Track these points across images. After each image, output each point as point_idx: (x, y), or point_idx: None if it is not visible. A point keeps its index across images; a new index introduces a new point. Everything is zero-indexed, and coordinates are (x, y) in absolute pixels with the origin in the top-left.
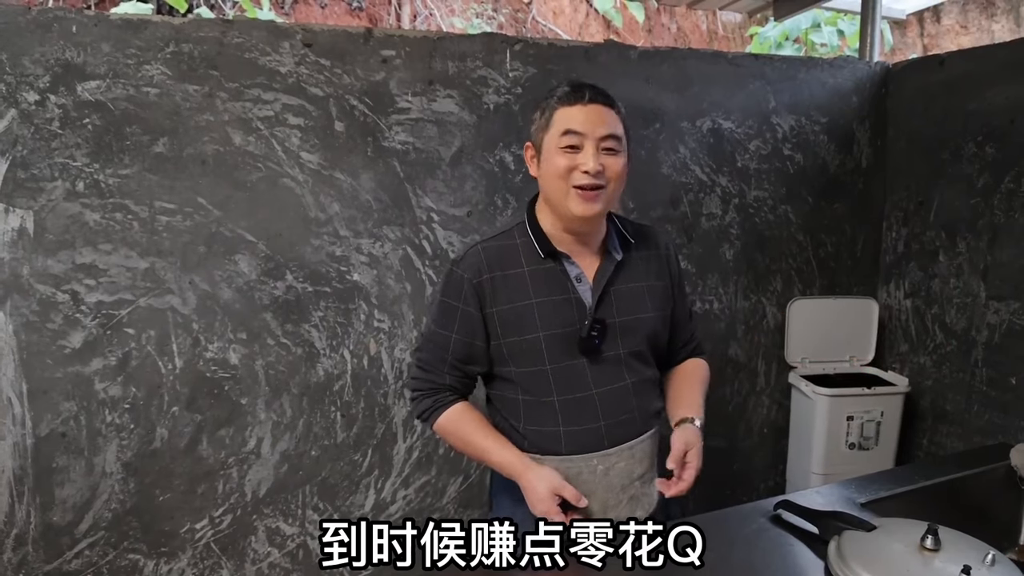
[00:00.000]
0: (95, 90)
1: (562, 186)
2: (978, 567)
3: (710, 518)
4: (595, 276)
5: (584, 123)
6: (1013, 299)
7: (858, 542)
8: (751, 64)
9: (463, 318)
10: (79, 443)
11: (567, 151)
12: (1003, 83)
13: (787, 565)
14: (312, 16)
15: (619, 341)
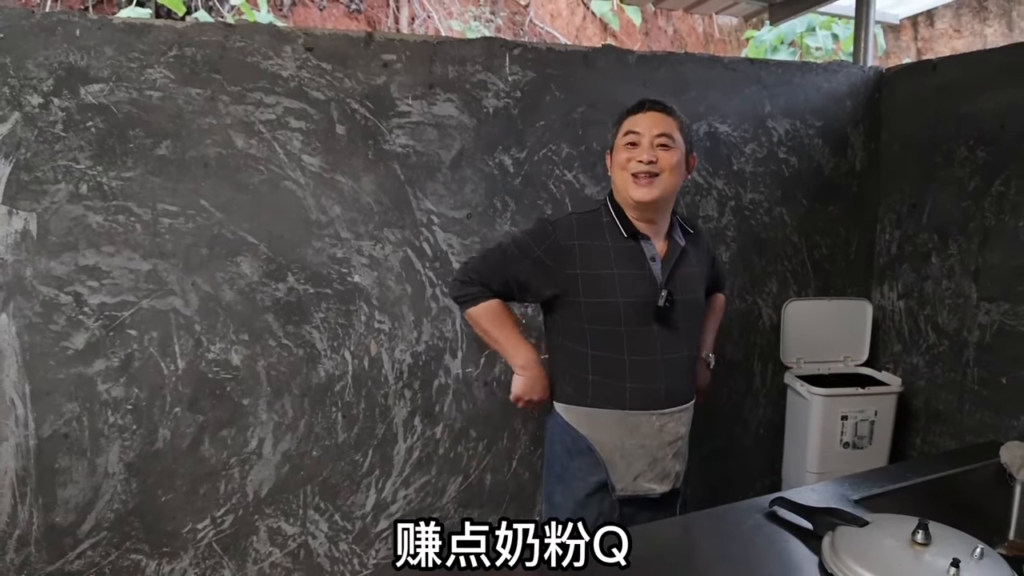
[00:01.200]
0: (98, 93)
1: (623, 175)
2: (967, 560)
3: (708, 514)
4: (664, 257)
5: (641, 124)
6: (1003, 300)
7: (851, 537)
8: (747, 68)
9: (534, 262)
10: (82, 444)
11: (628, 147)
12: (994, 88)
13: (782, 560)
14: (310, 18)
15: (682, 315)
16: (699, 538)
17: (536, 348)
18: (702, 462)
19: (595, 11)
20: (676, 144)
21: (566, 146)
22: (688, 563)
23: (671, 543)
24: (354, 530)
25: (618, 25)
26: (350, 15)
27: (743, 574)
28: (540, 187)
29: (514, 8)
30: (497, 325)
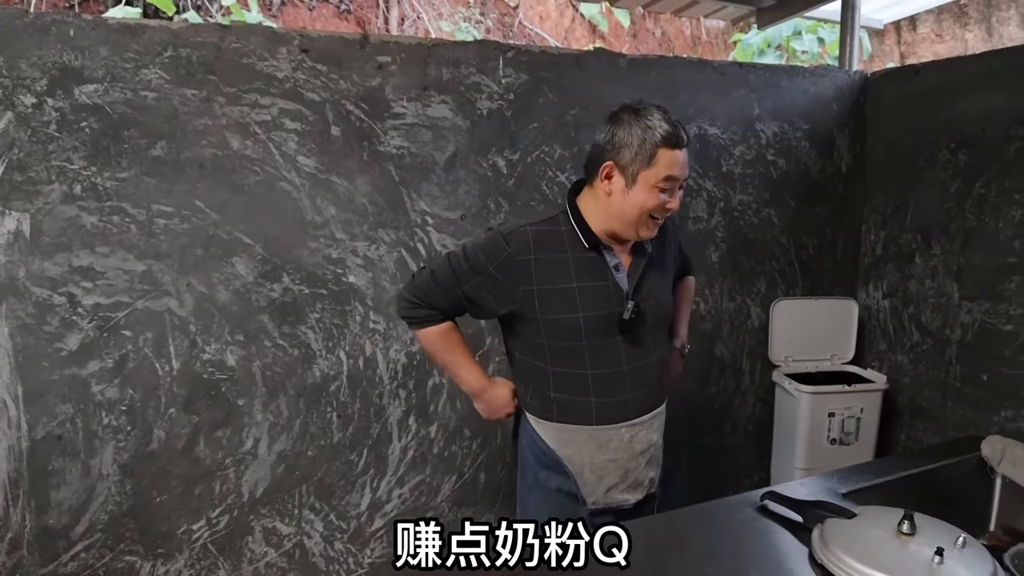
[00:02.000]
0: (92, 93)
1: (642, 216)
2: (950, 549)
3: (699, 509)
4: (631, 266)
5: (682, 169)
6: (984, 299)
7: (840, 529)
8: (736, 72)
9: (487, 279)
10: (75, 445)
11: (661, 191)
12: (975, 93)
13: (773, 551)
14: (300, 18)
15: (648, 322)
16: (691, 532)
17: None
18: (691, 459)
19: (584, 13)
20: None
21: (559, 148)
22: (680, 556)
23: (662, 538)
24: (349, 529)
25: (607, 27)
26: (340, 15)
27: (735, 566)
28: (533, 188)
29: (503, 9)
30: (446, 350)
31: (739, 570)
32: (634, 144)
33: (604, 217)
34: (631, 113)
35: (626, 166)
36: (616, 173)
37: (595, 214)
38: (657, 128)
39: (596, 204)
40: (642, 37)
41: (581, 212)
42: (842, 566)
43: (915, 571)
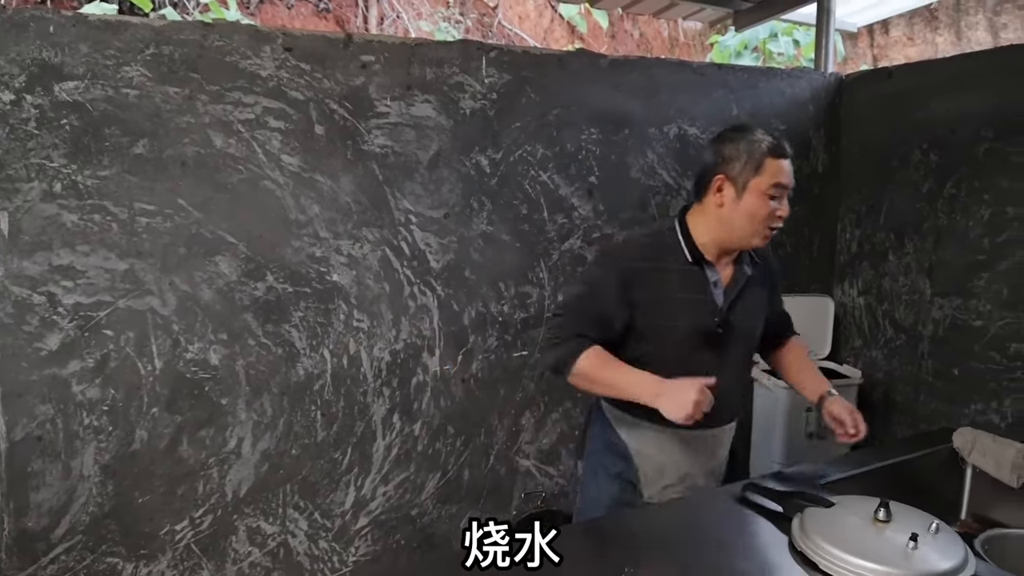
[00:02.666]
0: (73, 91)
1: (757, 226)
2: (924, 535)
3: (682, 501)
4: (729, 284)
5: (789, 177)
6: (955, 295)
7: (818, 517)
8: (715, 73)
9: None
10: (56, 446)
11: (771, 200)
12: (945, 95)
13: (754, 540)
14: (278, 17)
15: (736, 339)
16: (674, 523)
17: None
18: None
19: (563, 14)
20: None
21: (541, 147)
22: (664, 546)
23: (647, 529)
24: (334, 528)
25: (586, 28)
26: (319, 14)
27: (718, 554)
28: (516, 187)
29: (483, 9)
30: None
31: (722, 558)
32: (742, 156)
33: (716, 229)
34: (735, 131)
35: (736, 177)
36: (727, 185)
37: (704, 228)
38: (762, 140)
39: (706, 219)
40: (620, 38)
41: (690, 230)
42: (821, 553)
43: (891, 556)
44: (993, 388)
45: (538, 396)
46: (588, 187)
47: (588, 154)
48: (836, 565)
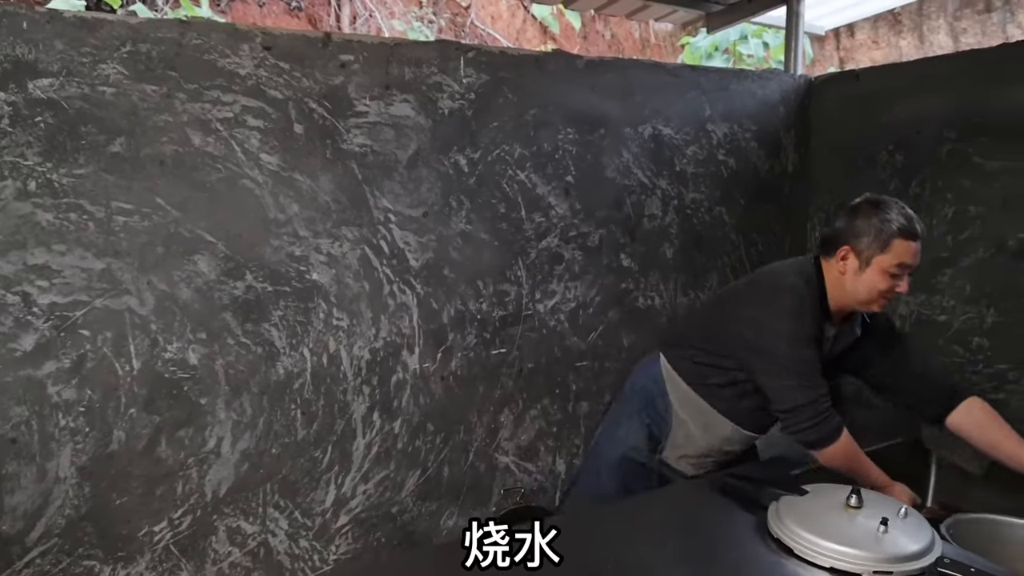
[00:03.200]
0: (48, 88)
1: (875, 294)
2: (894, 519)
3: (662, 491)
4: (835, 339)
5: (914, 258)
6: (920, 292)
7: (793, 504)
8: (688, 74)
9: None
10: (30, 448)
11: (892, 276)
12: (910, 97)
13: (732, 527)
14: (249, 15)
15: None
16: (655, 512)
17: None
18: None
19: (535, 14)
20: None
21: (518, 147)
22: (646, 534)
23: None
24: (314, 527)
25: (558, 29)
26: (291, 12)
27: (697, 541)
28: (494, 187)
29: (455, 9)
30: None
31: (701, 544)
32: (871, 232)
33: (835, 290)
34: (871, 205)
35: (862, 251)
36: (851, 256)
37: (828, 286)
38: (894, 220)
39: (829, 279)
40: (592, 39)
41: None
42: (796, 538)
43: (862, 540)
44: (957, 381)
45: (516, 393)
46: (565, 186)
47: (565, 154)
48: (811, 549)
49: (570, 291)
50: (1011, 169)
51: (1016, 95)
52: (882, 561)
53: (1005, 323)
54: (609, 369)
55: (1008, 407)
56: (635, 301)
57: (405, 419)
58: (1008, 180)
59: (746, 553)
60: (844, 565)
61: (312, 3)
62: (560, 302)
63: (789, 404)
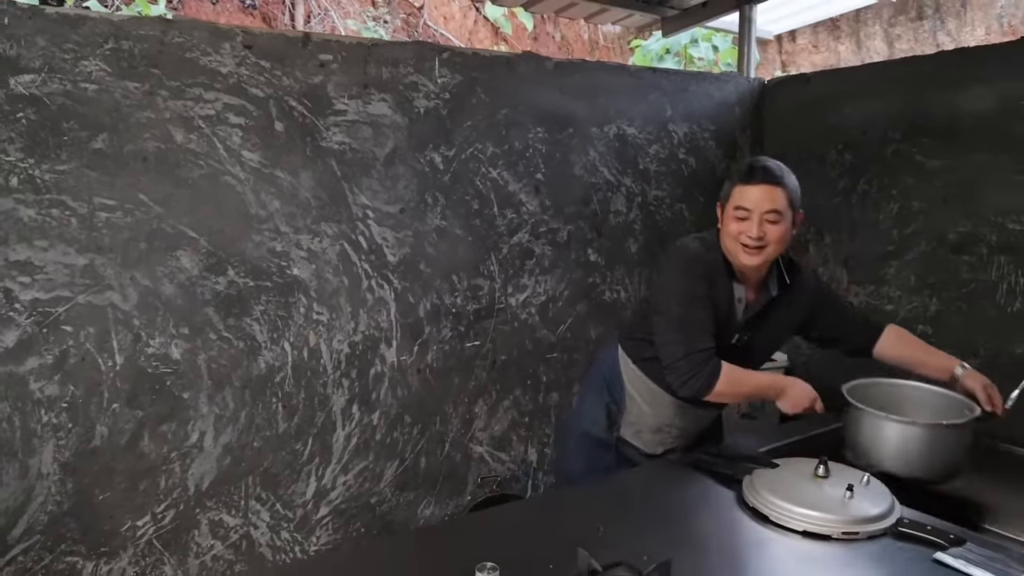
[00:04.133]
0: (29, 84)
1: (734, 243)
2: (858, 487)
3: (639, 470)
4: (751, 302)
5: (751, 200)
6: (868, 282)
7: (766, 476)
8: (650, 77)
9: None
10: (12, 445)
11: (739, 220)
12: (857, 100)
13: (709, 499)
14: (203, 13)
15: (754, 358)
16: (634, 489)
17: None
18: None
19: (488, 15)
20: (784, 217)
21: (491, 145)
22: (627, 508)
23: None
24: (295, 518)
25: (511, 30)
26: (245, 10)
27: (676, 513)
28: (468, 184)
29: (408, 10)
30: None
31: (680, 515)
32: (726, 184)
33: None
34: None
35: (724, 204)
36: (719, 213)
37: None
38: (738, 171)
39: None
40: (542, 40)
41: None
42: (771, 506)
43: (831, 505)
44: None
45: (490, 384)
46: (535, 183)
47: (535, 152)
48: (784, 515)
49: (540, 285)
50: (950, 168)
51: (954, 99)
52: (849, 523)
53: (947, 311)
54: (578, 361)
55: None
56: (602, 295)
57: (383, 411)
58: (947, 178)
59: (724, 522)
60: (816, 528)
61: (266, 1)
62: (531, 296)
63: (670, 359)
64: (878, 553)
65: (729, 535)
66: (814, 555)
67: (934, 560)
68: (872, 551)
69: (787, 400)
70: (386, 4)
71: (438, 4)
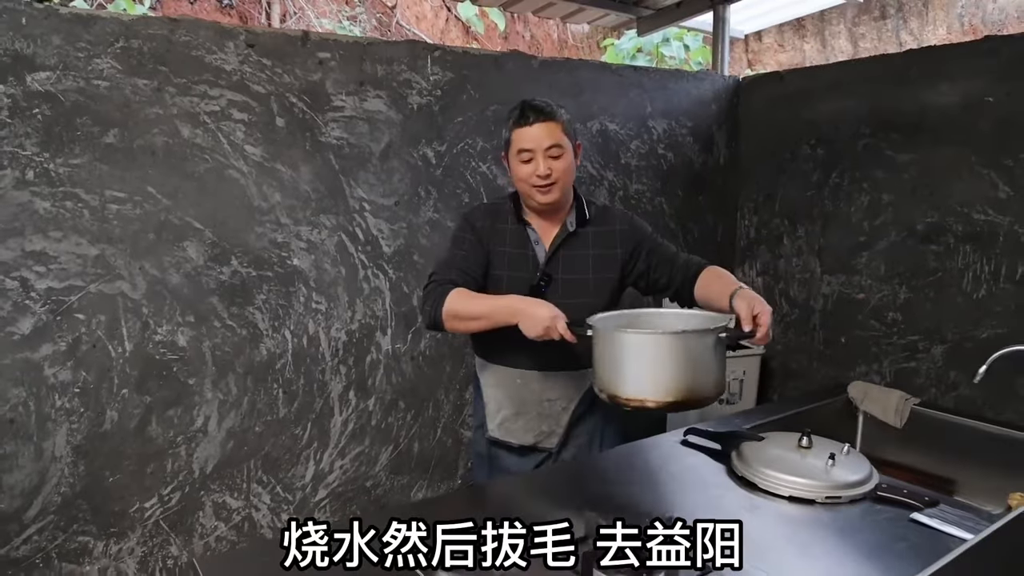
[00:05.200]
0: (45, 81)
1: (525, 187)
2: (839, 456)
3: (631, 446)
4: (551, 242)
5: (531, 140)
6: (841, 273)
7: (753, 448)
8: (631, 74)
9: (469, 243)
10: (28, 428)
11: (524, 163)
12: (829, 97)
13: (700, 471)
14: (181, 11)
15: (563, 295)
16: (627, 464)
17: None
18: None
19: (460, 14)
20: (565, 148)
21: (480, 140)
22: (622, 481)
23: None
24: (295, 500)
25: (482, 29)
26: (222, 9)
27: (670, 483)
28: (459, 177)
29: (381, 9)
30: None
31: (674, 485)
32: (504, 133)
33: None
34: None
35: (507, 153)
36: (505, 161)
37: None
38: (512, 117)
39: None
40: (513, 39)
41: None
42: (759, 475)
43: (814, 472)
44: (875, 352)
45: None
46: None
47: None
48: (772, 482)
49: None
50: (918, 161)
51: (921, 95)
52: (831, 488)
53: (916, 299)
54: None
55: (919, 374)
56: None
57: (379, 397)
58: (915, 171)
59: (716, 490)
60: (801, 493)
61: (243, 1)
62: None
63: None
64: (859, 515)
65: (722, 501)
66: (801, 518)
67: (911, 520)
68: (854, 513)
69: (523, 325)
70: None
71: (410, 4)
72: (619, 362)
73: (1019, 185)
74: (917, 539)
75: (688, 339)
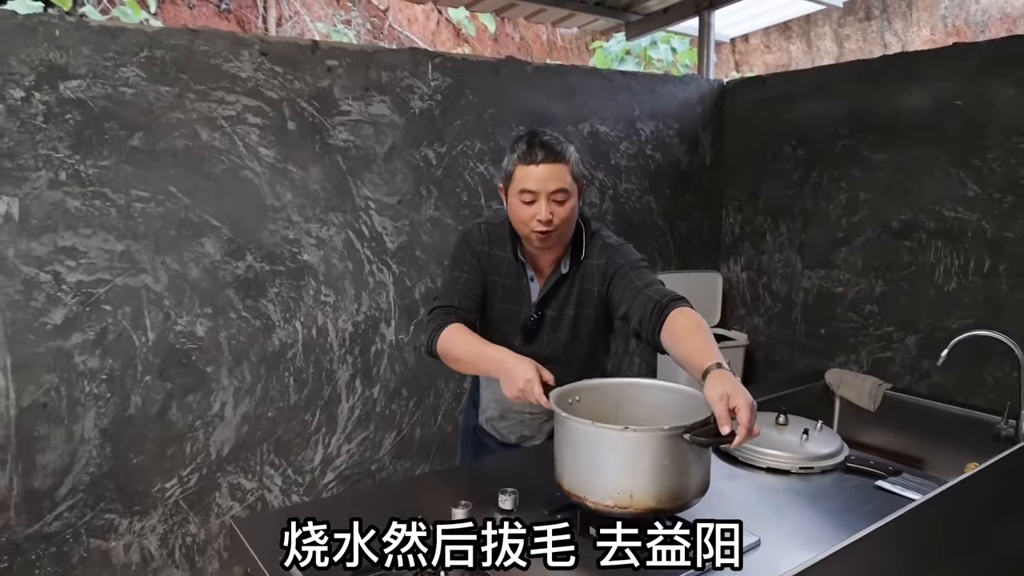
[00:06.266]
0: (76, 88)
1: (523, 228)
2: (813, 431)
3: None
4: (544, 281)
5: (536, 182)
6: (820, 268)
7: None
8: (620, 79)
9: (469, 264)
10: (59, 412)
11: (526, 204)
12: (809, 100)
13: None
14: (180, 17)
15: (557, 338)
16: None
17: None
18: None
19: (451, 17)
20: (571, 193)
21: (479, 142)
22: None
23: None
24: (304, 483)
25: (473, 31)
26: (220, 14)
27: None
28: (458, 177)
29: (374, 12)
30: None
31: None
32: (505, 164)
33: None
34: (512, 142)
35: (506, 187)
36: (503, 194)
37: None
38: (517, 150)
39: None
40: (503, 42)
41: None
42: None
43: (790, 446)
44: (852, 343)
45: None
46: None
47: None
48: (750, 455)
49: None
50: (893, 161)
51: (896, 98)
52: (805, 460)
53: (891, 292)
54: None
55: (894, 363)
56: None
57: (383, 385)
58: (890, 170)
59: None
60: (777, 464)
61: (240, 5)
62: None
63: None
64: (830, 483)
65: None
66: (777, 487)
67: (876, 487)
68: (825, 482)
69: (503, 381)
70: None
71: (403, 7)
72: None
73: (986, 184)
74: (881, 503)
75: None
